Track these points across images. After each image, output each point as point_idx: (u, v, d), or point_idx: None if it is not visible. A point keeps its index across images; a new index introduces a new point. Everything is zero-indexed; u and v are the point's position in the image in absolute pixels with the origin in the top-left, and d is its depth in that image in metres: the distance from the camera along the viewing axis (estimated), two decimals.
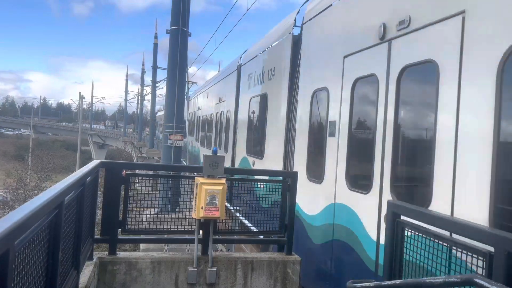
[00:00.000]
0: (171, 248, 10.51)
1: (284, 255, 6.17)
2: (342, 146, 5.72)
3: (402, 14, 4.47)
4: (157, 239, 6.41)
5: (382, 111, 4.83)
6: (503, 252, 2.50)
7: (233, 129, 11.93)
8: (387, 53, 4.77)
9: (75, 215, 3.94)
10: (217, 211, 5.48)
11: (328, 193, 6.04)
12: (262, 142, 9.12)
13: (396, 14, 4.61)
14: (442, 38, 3.86)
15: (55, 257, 3.00)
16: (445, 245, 3.07)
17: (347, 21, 5.97)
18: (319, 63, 6.81)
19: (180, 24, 13.01)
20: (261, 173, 7.15)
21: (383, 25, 4.84)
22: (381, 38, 4.88)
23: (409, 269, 3.47)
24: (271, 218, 6.20)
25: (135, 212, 5.76)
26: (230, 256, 6.05)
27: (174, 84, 13.12)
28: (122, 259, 5.51)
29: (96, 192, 5.30)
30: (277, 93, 8.39)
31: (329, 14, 6.52)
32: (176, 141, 12.63)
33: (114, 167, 5.67)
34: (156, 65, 48.00)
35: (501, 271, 2.50)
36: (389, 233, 3.63)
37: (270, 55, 9.33)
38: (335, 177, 5.82)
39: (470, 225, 2.81)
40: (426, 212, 3.28)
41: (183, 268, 5.68)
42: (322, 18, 6.77)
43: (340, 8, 6.23)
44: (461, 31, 3.60)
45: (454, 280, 2.47)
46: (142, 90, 66.23)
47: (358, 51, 5.43)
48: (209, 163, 5.60)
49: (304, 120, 7.15)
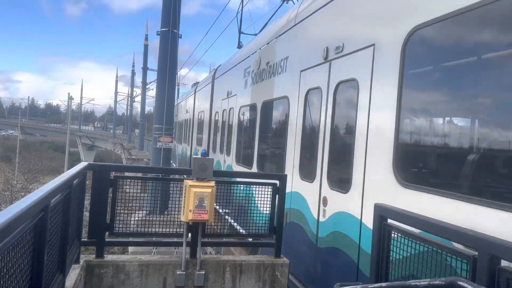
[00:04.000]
0: (159, 251, 10.46)
1: (272, 258, 6.17)
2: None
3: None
4: (145, 242, 6.38)
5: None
6: (486, 255, 2.54)
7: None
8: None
9: (62, 218, 3.90)
10: (206, 214, 5.47)
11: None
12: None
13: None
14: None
15: (40, 261, 2.97)
16: (431, 248, 3.11)
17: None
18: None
19: (170, 26, 12.97)
20: (250, 175, 7.15)
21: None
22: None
23: (395, 272, 3.50)
24: (260, 220, 6.20)
25: (123, 215, 5.72)
26: (218, 259, 6.03)
27: (164, 86, 13.08)
28: (109, 262, 5.46)
29: (83, 194, 5.26)
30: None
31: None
32: (166, 143, 12.56)
33: (101, 169, 5.63)
34: (146, 67, 47.80)
35: (484, 274, 2.54)
36: (375, 236, 3.66)
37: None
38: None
39: (454, 229, 2.85)
40: (412, 215, 3.32)
41: (171, 271, 5.65)
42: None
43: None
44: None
45: (438, 283, 2.49)
46: (132, 91, 65.84)
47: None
48: (198, 165, 5.59)
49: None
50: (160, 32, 13.70)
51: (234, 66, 11.77)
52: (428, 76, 4.36)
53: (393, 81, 4.38)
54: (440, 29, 3.88)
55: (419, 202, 3.87)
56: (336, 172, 5.69)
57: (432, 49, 4.13)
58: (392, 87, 4.38)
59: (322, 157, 5.95)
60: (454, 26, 3.79)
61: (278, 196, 6.17)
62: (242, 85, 10.60)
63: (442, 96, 4.11)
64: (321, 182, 5.93)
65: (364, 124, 4.89)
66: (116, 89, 77.72)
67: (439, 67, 4.18)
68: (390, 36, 4.59)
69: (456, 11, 3.62)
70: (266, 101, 8.79)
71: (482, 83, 3.66)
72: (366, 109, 4.88)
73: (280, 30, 8.33)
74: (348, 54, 5.45)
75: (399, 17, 4.51)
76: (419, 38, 4.17)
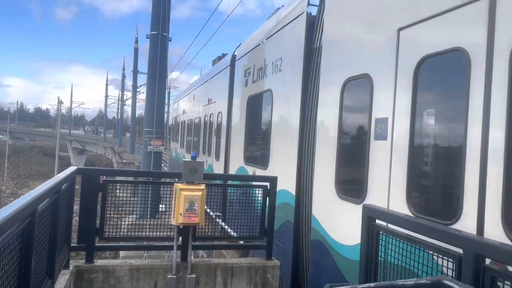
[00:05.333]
0: (151, 255, 10.40)
1: (264, 260, 6.18)
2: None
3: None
4: (135, 246, 6.34)
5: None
6: (471, 254, 2.58)
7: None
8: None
9: (50, 223, 3.87)
10: (196, 217, 5.46)
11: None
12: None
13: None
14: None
15: (28, 267, 2.94)
16: (419, 248, 3.14)
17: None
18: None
19: (160, 29, 12.94)
20: (241, 178, 7.16)
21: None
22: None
23: (384, 272, 3.53)
24: (251, 223, 6.21)
25: (113, 219, 5.68)
26: (209, 262, 6.03)
27: (154, 89, 13.04)
28: (99, 267, 5.42)
29: (72, 199, 5.21)
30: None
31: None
32: (156, 146, 12.52)
33: (90, 173, 5.59)
34: (137, 70, 47.61)
35: (469, 273, 2.57)
36: (364, 236, 3.69)
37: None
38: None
39: (440, 228, 2.89)
40: (399, 215, 3.36)
41: (162, 275, 5.63)
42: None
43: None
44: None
45: (424, 282, 2.52)
46: (123, 95, 65.54)
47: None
48: (188, 169, 5.58)
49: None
50: (150, 35, 13.67)
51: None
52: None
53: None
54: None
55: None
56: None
57: None
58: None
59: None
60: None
61: (268, 198, 6.18)
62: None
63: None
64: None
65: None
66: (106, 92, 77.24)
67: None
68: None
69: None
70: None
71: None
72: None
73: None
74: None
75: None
76: None
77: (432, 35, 3.72)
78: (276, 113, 7.50)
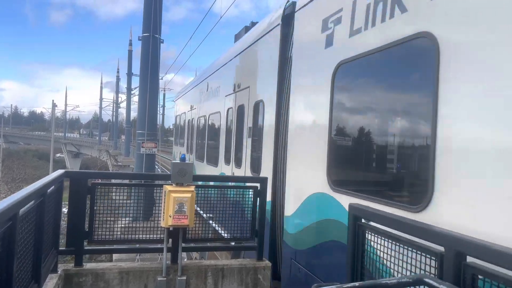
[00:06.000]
0: (143, 257, 10.35)
1: (254, 261, 6.17)
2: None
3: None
4: (125, 249, 6.32)
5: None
6: (452, 251, 2.58)
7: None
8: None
9: (35, 227, 3.84)
10: (186, 219, 5.44)
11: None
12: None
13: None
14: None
15: (9, 271, 2.92)
16: (403, 246, 3.15)
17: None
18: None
19: (151, 31, 12.92)
20: (230, 179, 7.14)
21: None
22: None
23: (370, 271, 3.53)
24: (242, 224, 6.20)
25: (102, 222, 5.65)
26: (200, 264, 6.01)
27: (147, 91, 13.01)
28: (88, 270, 5.39)
29: (60, 202, 5.18)
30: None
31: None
32: (149, 148, 12.48)
33: (78, 176, 5.56)
34: (131, 72, 47.50)
35: (450, 270, 2.58)
36: (350, 235, 3.69)
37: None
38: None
39: (422, 226, 2.89)
40: (383, 214, 3.36)
41: (152, 277, 5.60)
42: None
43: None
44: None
45: (407, 280, 2.53)
46: (117, 97, 65.30)
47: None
48: (177, 170, 5.56)
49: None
50: (142, 37, 13.64)
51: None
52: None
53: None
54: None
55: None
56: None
57: None
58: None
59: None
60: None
61: (259, 199, 6.17)
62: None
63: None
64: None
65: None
66: (101, 95, 77.02)
67: None
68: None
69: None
70: None
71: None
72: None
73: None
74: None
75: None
76: None
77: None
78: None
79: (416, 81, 3.98)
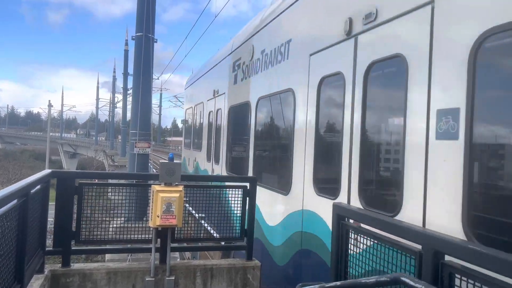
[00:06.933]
0: (135, 258, 10.31)
1: (244, 260, 6.15)
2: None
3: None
4: (113, 249, 6.28)
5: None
6: (430, 250, 2.58)
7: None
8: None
9: (17, 227, 3.81)
10: (174, 219, 5.42)
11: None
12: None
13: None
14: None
15: None
16: (385, 245, 3.14)
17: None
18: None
19: (144, 31, 12.88)
20: (220, 179, 7.13)
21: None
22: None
23: (353, 270, 3.53)
24: (231, 224, 6.18)
25: (90, 223, 5.63)
26: (189, 264, 5.99)
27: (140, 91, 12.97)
28: (75, 271, 5.36)
29: (46, 202, 5.13)
30: None
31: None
32: (143, 148, 12.45)
33: (66, 176, 5.53)
34: (127, 72, 47.27)
35: (429, 269, 2.57)
36: (334, 235, 3.68)
37: None
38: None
39: (402, 226, 2.89)
40: (365, 213, 3.35)
41: (140, 278, 5.58)
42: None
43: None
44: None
45: (385, 279, 2.53)
46: (114, 97, 65.10)
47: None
48: (165, 170, 5.54)
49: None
50: (135, 37, 13.59)
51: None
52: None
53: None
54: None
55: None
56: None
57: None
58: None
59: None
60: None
61: (248, 199, 6.16)
62: None
63: None
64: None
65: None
66: (97, 95, 76.73)
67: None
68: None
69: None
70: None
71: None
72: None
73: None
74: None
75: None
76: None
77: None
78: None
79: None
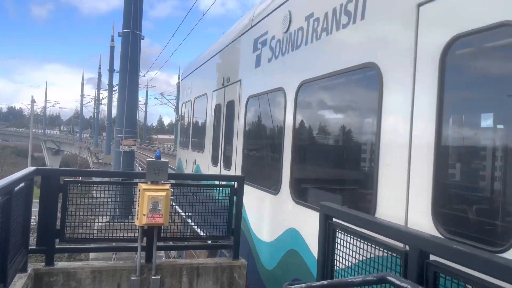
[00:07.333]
0: (120, 256, 10.21)
1: (230, 259, 6.16)
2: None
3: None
4: (97, 247, 6.21)
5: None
6: (416, 249, 2.62)
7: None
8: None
9: (0, 226, 3.73)
10: (160, 217, 5.38)
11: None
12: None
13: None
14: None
15: None
16: (371, 245, 3.18)
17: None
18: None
19: (131, 27, 12.74)
20: (207, 178, 7.11)
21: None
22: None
23: (340, 269, 3.56)
24: (218, 223, 6.16)
25: (75, 221, 5.55)
26: (175, 263, 5.96)
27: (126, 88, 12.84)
28: (59, 269, 5.29)
29: (30, 201, 5.04)
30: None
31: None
32: (128, 146, 12.33)
33: (50, 174, 5.44)
34: (113, 68, 46.71)
35: (414, 268, 2.62)
36: (321, 234, 3.71)
37: None
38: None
39: (388, 225, 2.93)
40: (352, 213, 3.39)
41: (125, 277, 5.53)
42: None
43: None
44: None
45: (371, 278, 2.56)
46: (99, 94, 64.33)
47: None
48: (152, 168, 5.50)
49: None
50: (122, 33, 13.44)
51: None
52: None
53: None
54: None
55: None
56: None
57: None
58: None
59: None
60: None
61: (236, 198, 6.16)
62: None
63: None
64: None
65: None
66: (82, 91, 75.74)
67: None
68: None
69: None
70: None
71: None
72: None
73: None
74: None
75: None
76: None
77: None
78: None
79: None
